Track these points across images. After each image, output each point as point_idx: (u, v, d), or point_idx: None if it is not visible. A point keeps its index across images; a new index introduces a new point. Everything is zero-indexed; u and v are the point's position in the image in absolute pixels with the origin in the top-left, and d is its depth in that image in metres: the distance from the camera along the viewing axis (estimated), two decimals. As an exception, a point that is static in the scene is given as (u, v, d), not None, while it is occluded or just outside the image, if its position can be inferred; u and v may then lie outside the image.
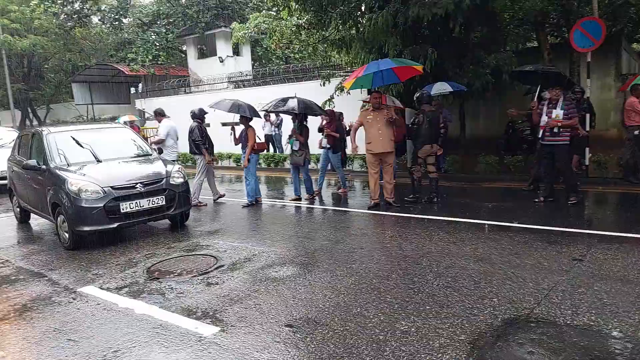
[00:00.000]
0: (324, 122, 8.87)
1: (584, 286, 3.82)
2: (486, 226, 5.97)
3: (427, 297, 3.80)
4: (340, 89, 11.70)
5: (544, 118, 6.78)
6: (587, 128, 8.27)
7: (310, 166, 8.90)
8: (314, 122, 9.17)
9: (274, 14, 14.63)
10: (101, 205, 5.75)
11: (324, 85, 12.71)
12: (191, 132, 8.52)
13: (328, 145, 8.52)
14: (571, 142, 6.79)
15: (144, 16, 24.95)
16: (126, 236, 6.52)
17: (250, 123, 8.34)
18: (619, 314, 3.30)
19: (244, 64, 23.12)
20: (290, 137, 8.68)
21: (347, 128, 10.00)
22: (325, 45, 13.92)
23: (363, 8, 10.87)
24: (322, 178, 9.01)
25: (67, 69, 28.69)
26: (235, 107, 8.23)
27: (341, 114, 10.18)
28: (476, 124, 12.76)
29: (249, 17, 16.20)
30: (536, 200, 7.14)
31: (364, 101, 10.15)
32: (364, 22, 10.17)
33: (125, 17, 25.90)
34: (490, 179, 9.46)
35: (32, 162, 6.37)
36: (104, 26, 27.26)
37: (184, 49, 25.82)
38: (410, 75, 8.08)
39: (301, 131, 8.41)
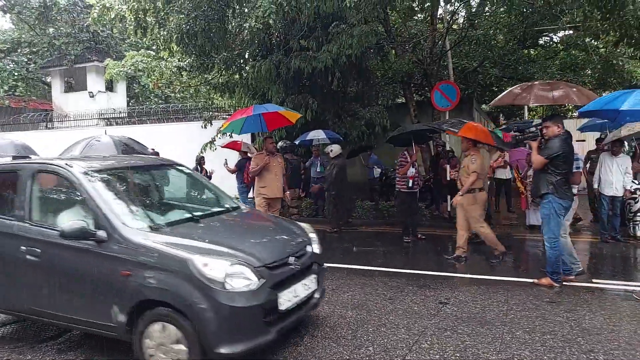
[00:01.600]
0: None
1: (449, 329, 4.11)
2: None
3: (306, 350, 3.75)
4: (223, 132, 11.61)
5: (412, 170, 7.50)
6: (448, 177, 9.18)
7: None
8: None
9: (153, 53, 14.16)
10: (259, 301, 3.20)
11: (205, 127, 12.46)
12: None
13: None
14: (435, 189, 7.54)
15: (1, 43, 22.43)
16: None
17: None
18: (479, 355, 3.59)
19: (118, 100, 21.76)
20: None
21: (209, 173, 10.44)
22: (208, 87, 13.79)
23: (247, 55, 11.05)
24: None
25: None
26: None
27: (202, 158, 10.54)
28: (354, 171, 13.49)
29: (126, 54, 15.45)
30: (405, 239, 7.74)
31: (223, 146, 10.42)
32: (248, 69, 10.33)
33: (-23, 42, 23.03)
34: (367, 224, 9.94)
35: (78, 225, 3.40)
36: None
37: (49, 80, 23.60)
38: (279, 125, 8.37)
39: None
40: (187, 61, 11.67)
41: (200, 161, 10.79)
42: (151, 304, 3.22)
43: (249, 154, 9.27)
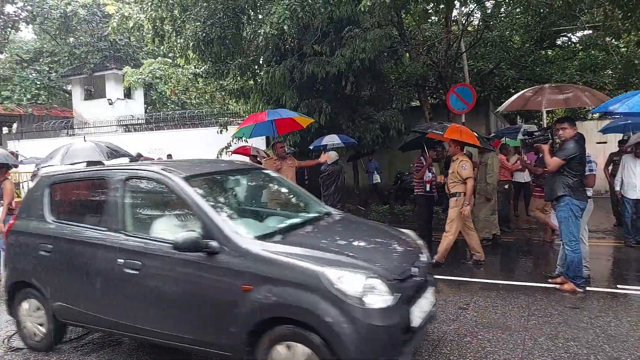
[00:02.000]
0: None
1: (469, 335, 4.03)
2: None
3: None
4: (234, 136, 11.74)
5: (428, 174, 7.45)
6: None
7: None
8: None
9: (170, 60, 14.35)
10: (396, 319, 2.89)
11: (221, 132, 12.58)
12: None
13: None
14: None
15: (24, 52, 23.00)
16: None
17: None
18: (500, 361, 3.52)
19: (136, 107, 22.14)
20: None
21: None
22: (224, 93, 13.91)
23: (261, 61, 11.12)
24: None
25: None
26: None
27: None
28: (368, 175, 13.46)
29: (143, 61, 15.70)
30: None
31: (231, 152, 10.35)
32: (262, 74, 10.39)
33: (2, 53, 23.65)
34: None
35: (191, 237, 3.08)
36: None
37: (69, 88, 24.10)
38: (290, 130, 8.35)
39: None
40: (203, 68, 11.79)
41: None
42: (276, 321, 2.89)
43: (258, 158, 9.32)
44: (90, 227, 3.77)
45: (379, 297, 2.80)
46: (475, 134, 6.84)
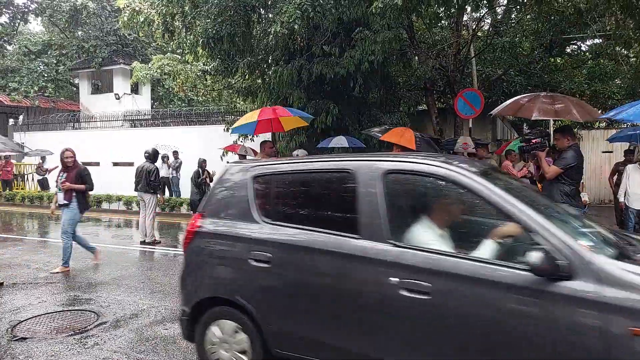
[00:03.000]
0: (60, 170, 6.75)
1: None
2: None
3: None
4: (244, 135, 11.79)
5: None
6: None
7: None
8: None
9: (179, 57, 14.41)
10: None
11: (227, 130, 12.61)
12: (150, 172, 8.55)
13: (65, 202, 6.49)
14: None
15: (32, 44, 23.12)
16: (-13, 289, 5.60)
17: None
18: None
19: (142, 102, 22.22)
20: None
21: (212, 175, 11.06)
22: (231, 91, 13.94)
23: (270, 60, 11.16)
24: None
25: None
26: None
27: (204, 160, 10.87)
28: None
29: (152, 57, 15.75)
30: None
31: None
32: (270, 73, 10.42)
33: (10, 44, 23.79)
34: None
35: (547, 257, 2.21)
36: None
37: (77, 82, 24.21)
38: (268, 131, 8.37)
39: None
40: (211, 65, 11.84)
41: (202, 164, 11.10)
42: None
43: (247, 157, 9.39)
44: (330, 232, 2.86)
45: None
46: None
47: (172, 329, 4.26)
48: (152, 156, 8.81)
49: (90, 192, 6.98)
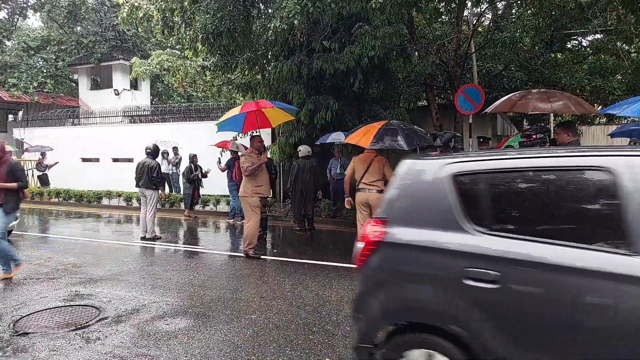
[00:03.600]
0: None
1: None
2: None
3: (326, 348, 3.73)
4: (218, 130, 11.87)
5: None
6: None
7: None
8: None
9: (178, 52, 14.36)
10: None
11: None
12: (153, 168, 8.55)
13: None
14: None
15: (31, 40, 23.06)
16: (-12, 285, 5.60)
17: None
18: None
19: (142, 98, 22.19)
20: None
21: (205, 171, 11.43)
22: (231, 87, 13.89)
23: (269, 56, 11.13)
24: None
25: None
26: None
27: (195, 156, 11.32)
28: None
29: (151, 53, 15.71)
30: None
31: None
32: (270, 69, 10.40)
33: (9, 40, 23.71)
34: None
35: None
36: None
37: (76, 78, 24.16)
38: (255, 128, 7.88)
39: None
40: (211, 61, 11.81)
41: (193, 159, 11.16)
42: None
43: (239, 153, 9.42)
44: (583, 247, 2.24)
45: None
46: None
47: (174, 324, 4.27)
48: (154, 152, 8.77)
49: (26, 190, 5.96)
